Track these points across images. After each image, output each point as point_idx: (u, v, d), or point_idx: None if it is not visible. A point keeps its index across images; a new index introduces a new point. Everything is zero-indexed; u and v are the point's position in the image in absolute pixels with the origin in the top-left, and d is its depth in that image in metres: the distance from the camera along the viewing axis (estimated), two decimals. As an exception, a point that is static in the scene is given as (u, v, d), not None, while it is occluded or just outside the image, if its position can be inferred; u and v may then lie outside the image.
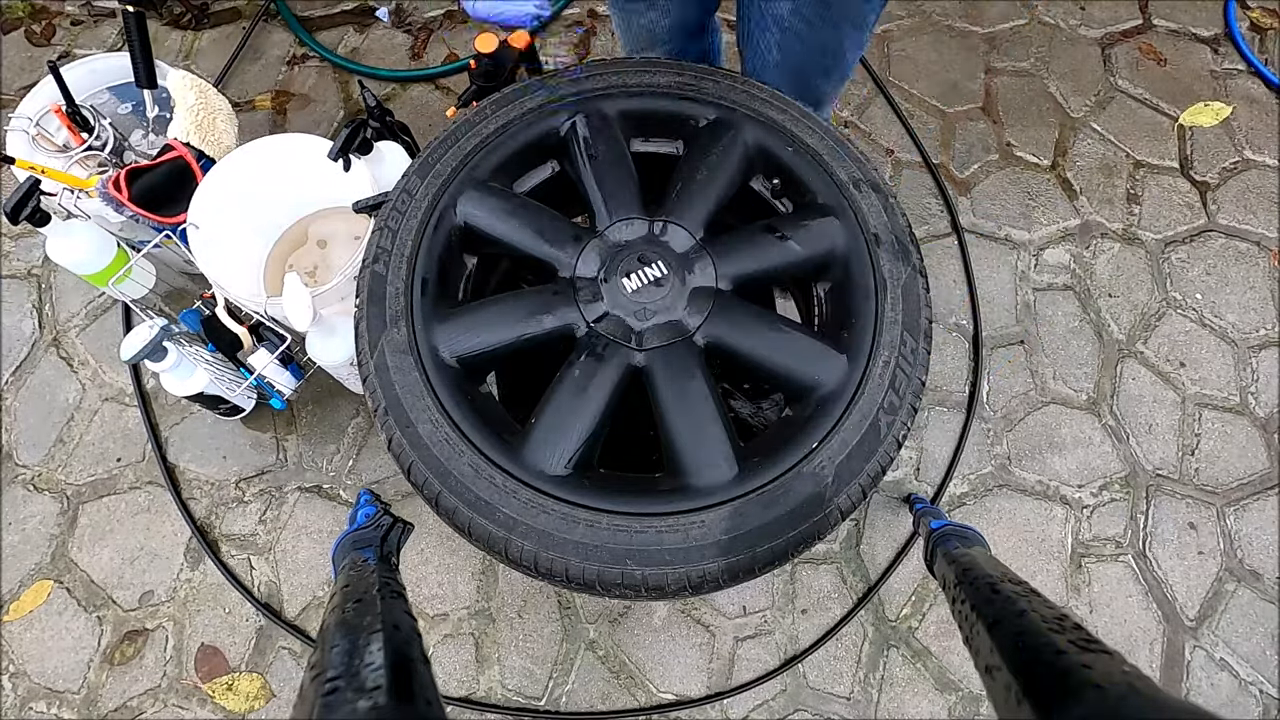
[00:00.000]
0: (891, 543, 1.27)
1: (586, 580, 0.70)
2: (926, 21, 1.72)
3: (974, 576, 0.73)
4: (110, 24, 1.69)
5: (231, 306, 1.12)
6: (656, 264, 0.82)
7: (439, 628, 1.21)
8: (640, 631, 1.21)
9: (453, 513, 0.72)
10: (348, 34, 1.67)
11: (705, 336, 0.80)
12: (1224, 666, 1.21)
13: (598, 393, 0.76)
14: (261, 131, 1.53)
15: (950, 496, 1.31)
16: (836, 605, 1.23)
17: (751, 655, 1.20)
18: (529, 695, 1.18)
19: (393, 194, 0.86)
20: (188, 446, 1.31)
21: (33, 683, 1.19)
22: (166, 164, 1.15)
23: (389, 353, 0.76)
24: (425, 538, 1.25)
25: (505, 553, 0.70)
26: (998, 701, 0.49)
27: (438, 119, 1.57)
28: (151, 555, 1.25)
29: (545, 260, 0.84)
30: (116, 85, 1.31)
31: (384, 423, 0.75)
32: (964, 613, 0.67)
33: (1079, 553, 1.27)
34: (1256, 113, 1.63)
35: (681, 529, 0.70)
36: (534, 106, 0.90)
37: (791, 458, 0.73)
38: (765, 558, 0.71)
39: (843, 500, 0.73)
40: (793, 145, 0.89)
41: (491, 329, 0.79)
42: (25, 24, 1.69)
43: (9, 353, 1.38)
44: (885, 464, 0.75)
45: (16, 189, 1.04)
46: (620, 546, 0.69)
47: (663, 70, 0.94)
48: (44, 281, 1.44)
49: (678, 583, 0.69)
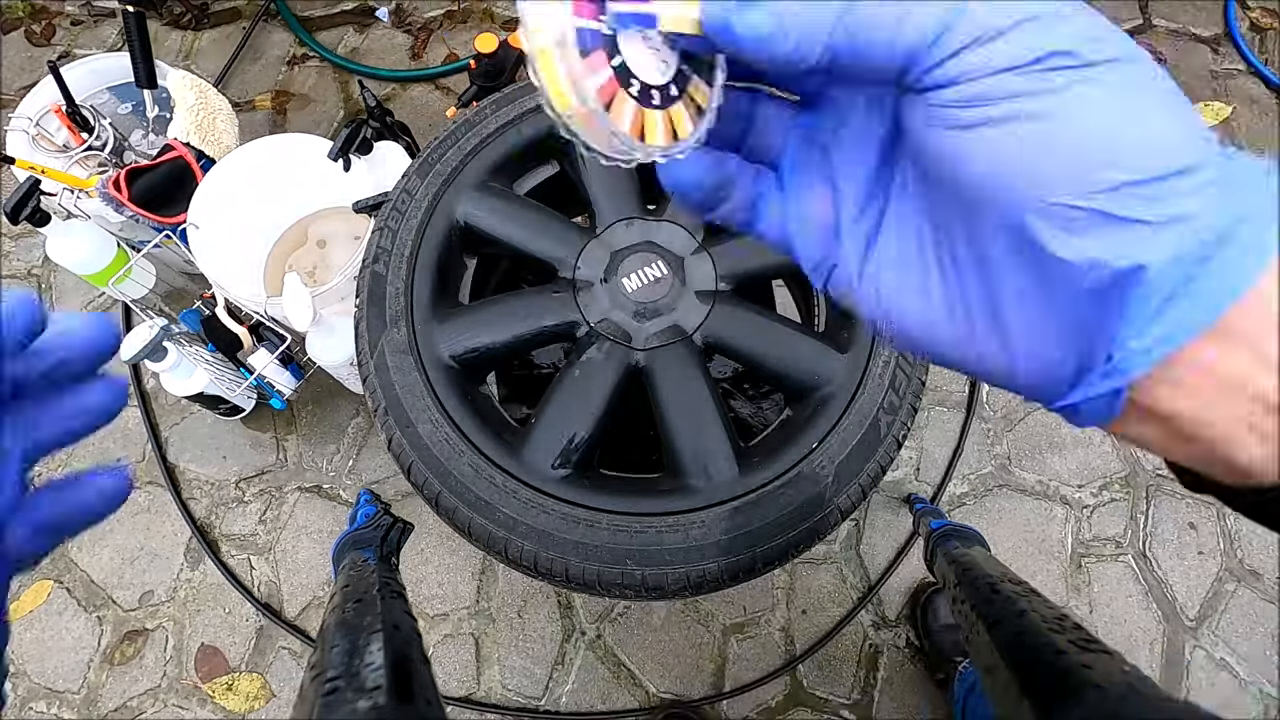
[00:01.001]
0: (891, 543, 1.27)
1: (586, 580, 0.70)
2: (926, 21, 1.72)
3: (974, 576, 0.73)
4: (110, 24, 1.69)
5: (231, 306, 1.12)
6: (656, 264, 0.82)
7: (439, 628, 1.21)
8: (640, 631, 1.21)
9: (453, 513, 0.72)
10: (348, 34, 1.67)
11: (705, 336, 0.80)
12: (1224, 666, 1.21)
13: (598, 393, 0.76)
14: (261, 131, 1.53)
15: (950, 496, 1.31)
16: (836, 605, 1.23)
17: (751, 655, 1.20)
18: (529, 695, 1.18)
19: (393, 194, 0.86)
20: (188, 446, 1.31)
21: (33, 683, 1.19)
22: (166, 164, 1.15)
23: (389, 353, 0.76)
24: (425, 538, 1.25)
25: (505, 553, 0.70)
26: (998, 701, 0.49)
27: (438, 119, 1.57)
28: (151, 555, 1.25)
29: (545, 260, 0.84)
30: (116, 85, 1.31)
31: (384, 423, 0.75)
32: (964, 612, 0.67)
33: (1079, 553, 1.27)
34: (1256, 113, 1.63)
35: (681, 529, 0.70)
36: (534, 106, 0.90)
37: (791, 458, 0.73)
38: (765, 558, 0.71)
39: (843, 500, 0.73)
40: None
41: (491, 329, 0.79)
42: (25, 24, 1.69)
43: (9, 353, 1.38)
44: (885, 464, 0.75)
45: (16, 189, 1.04)
46: (620, 546, 0.69)
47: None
48: (44, 281, 1.44)
49: (678, 583, 0.69)
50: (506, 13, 1.70)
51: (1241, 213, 0.17)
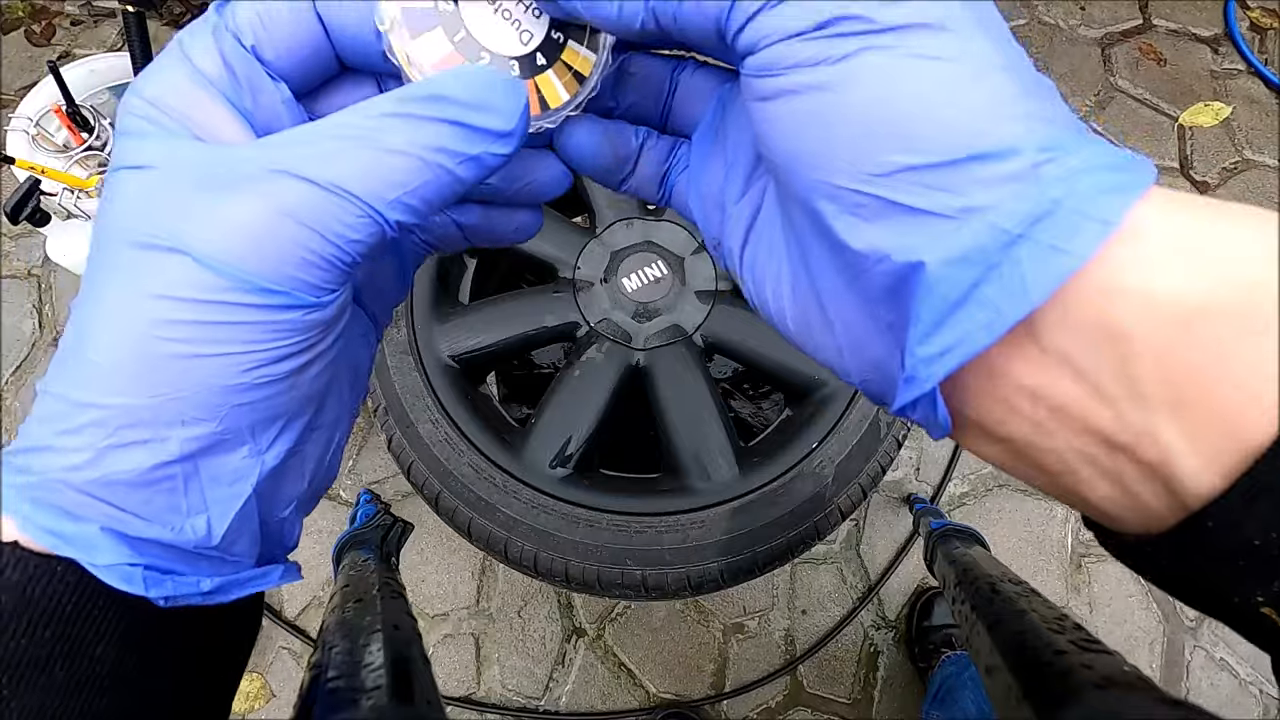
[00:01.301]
0: (891, 543, 1.27)
1: (586, 580, 0.70)
2: (926, 21, 1.72)
3: (974, 576, 0.73)
4: (110, 24, 1.70)
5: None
6: (656, 264, 0.82)
7: (439, 628, 1.21)
8: (640, 631, 1.21)
9: (453, 513, 0.72)
10: (348, 34, 1.67)
11: (705, 336, 0.80)
12: (1224, 666, 1.21)
13: (598, 393, 0.76)
14: (261, 131, 1.53)
15: (950, 496, 1.31)
16: (836, 605, 1.23)
17: (751, 655, 1.20)
18: (529, 695, 1.18)
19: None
20: (188, 446, 1.31)
21: (33, 683, 1.19)
22: (166, 164, 1.15)
23: (389, 353, 0.76)
24: (425, 538, 1.25)
25: (505, 553, 0.71)
26: (998, 702, 0.49)
27: (438, 119, 1.57)
28: (151, 555, 1.25)
29: (545, 260, 0.84)
30: (116, 85, 1.31)
31: (384, 422, 0.75)
32: (964, 613, 0.67)
33: (1079, 553, 1.27)
34: (1256, 113, 1.63)
35: (681, 529, 0.70)
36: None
37: (791, 458, 0.73)
38: (765, 558, 0.71)
39: (843, 500, 0.73)
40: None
41: (491, 329, 0.79)
42: (25, 24, 1.69)
43: (9, 353, 1.38)
44: (885, 464, 0.75)
45: (16, 189, 1.04)
46: (620, 546, 0.69)
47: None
48: (44, 281, 1.44)
49: (678, 583, 0.69)
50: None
51: (1052, 207, 0.14)
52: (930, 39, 0.15)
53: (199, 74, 0.18)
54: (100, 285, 0.17)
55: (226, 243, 0.16)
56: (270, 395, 0.18)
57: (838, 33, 0.15)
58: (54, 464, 0.17)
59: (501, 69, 0.21)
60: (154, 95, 0.18)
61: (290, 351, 0.17)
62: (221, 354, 0.17)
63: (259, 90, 0.19)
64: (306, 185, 0.16)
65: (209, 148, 0.17)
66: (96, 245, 0.18)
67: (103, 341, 0.17)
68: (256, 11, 0.18)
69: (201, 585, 0.18)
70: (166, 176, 0.17)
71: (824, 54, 0.15)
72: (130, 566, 0.17)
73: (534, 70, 0.21)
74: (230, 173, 0.17)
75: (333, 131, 0.17)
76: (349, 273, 0.18)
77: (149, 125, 0.18)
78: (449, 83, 0.18)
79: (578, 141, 0.22)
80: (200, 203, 0.17)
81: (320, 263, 0.17)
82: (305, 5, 0.19)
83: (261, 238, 0.16)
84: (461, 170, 0.18)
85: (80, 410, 0.17)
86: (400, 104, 0.17)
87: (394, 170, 0.17)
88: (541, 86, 0.21)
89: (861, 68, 0.15)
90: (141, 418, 0.17)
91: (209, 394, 0.17)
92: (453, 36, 0.20)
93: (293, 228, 0.16)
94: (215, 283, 0.16)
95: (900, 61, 0.15)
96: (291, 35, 0.19)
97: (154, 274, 0.16)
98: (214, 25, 0.18)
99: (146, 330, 0.16)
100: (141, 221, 0.17)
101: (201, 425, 0.17)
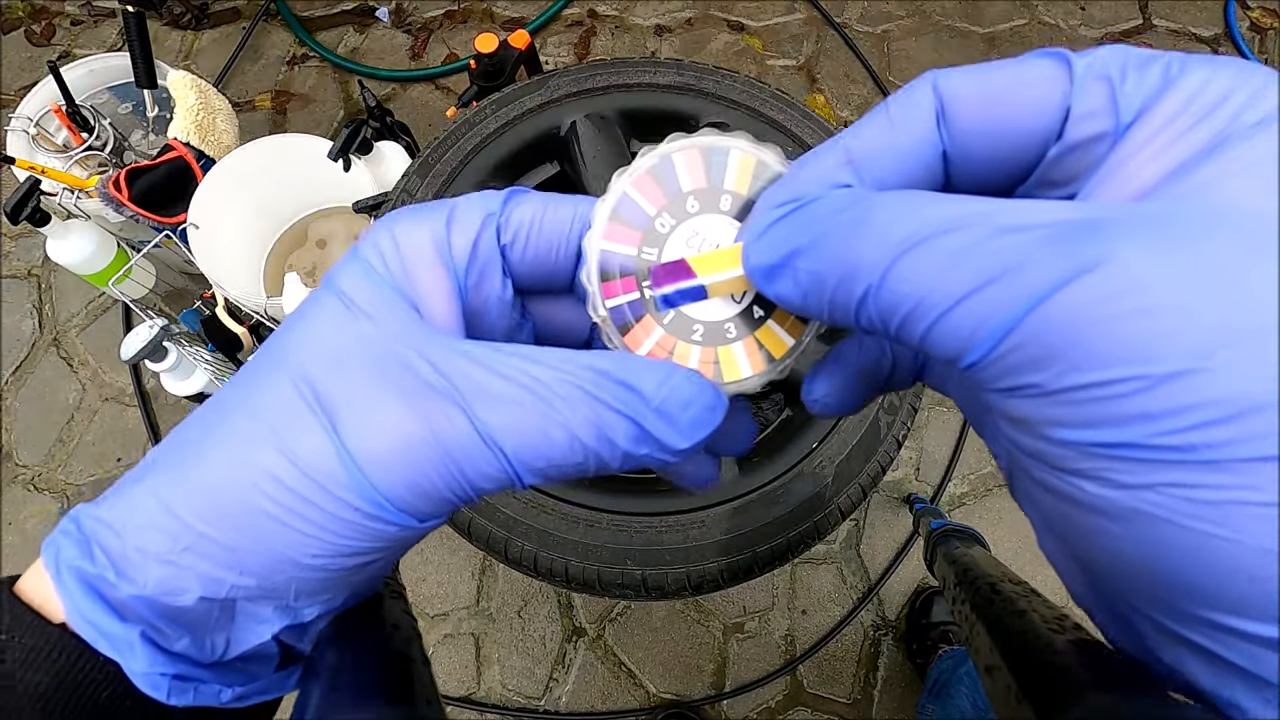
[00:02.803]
0: (891, 543, 1.27)
1: (586, 580, 0.70)
2: (926, 21, 1.72)
3: (974, 576, 0.72)
4: (110, 24, 1.69)
5: (231, 306, 1.12)
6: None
7: (439, 628, 1.21)
8: (640, 631, 1.21)
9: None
10: (348, 34, 1.67)
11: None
12: (1224, 666, 1.21)
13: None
14: (261, 131, 1.53)
15: (950, 496, 1.31)
16: (836, 605, 1.23)
17: (751, 655, 1.20)
18: (529, 695, 1.18)
19: (393, 194, 0.85)
20: (188, 446, 1.31)
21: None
22: (166, 164, 1.15)
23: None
24: (425, 538, 1.25)
25: (505, 553, 0.70)
26: (997, 701, 0.49)
27: (438, 119, 1.57)
28: (151, 555, 1.25)
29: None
30: (116, 85, 1.31)
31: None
32: (964, 613, 0.67)
33: (1079, 553, 1.27)
34: (1256, 113, 1.63)
35: (681, 529, 0.70)
36: (534, 106, 0.90)
37: (791, 458, 0.73)
38: (765, 558, 0.71)
39: (843, 500, 0.73)
40: (794, 145, 0.89)
41: (491, 329, 0.79)
42: (25, 24, 1.69)
43: (9, 353, 1.38)
44: (885, 464, 0.75)
45: (16, 189, 1.04)
46: (620, 546, 0.69)
47: (663, 69, 0.94)
48: (44, 281, 1.44)
49: (678, 583, 0.69)
50: (506, 13, 1.70)
51: None
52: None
53: (446, 246, 0.19)
54: (248, 398, 0.18)
55: (373, 452, 0.16)
56: (325, 578, 0.18)
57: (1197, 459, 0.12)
58: (115, 547, 0.17)
59: (714, 341, 0.20)
60: (402, 238, 0.19)
61: (364, 549, 0.18)
62: (305, 534, 0.17)
63: (486, 279, 0.19)
64: (468, 425, 0.16)
65: (414, 329, 0.18)
66: (272, 343, 0.18)
67: (214, 462, 0.17)
68: (534, 221, 0.19)
69: (221, 696, 0.19)
70: (362, 335, 0.17)
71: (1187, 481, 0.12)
72: (160, 676, 0.18)
73: (751, 327, 0.20)
74: (415, 374, 0.17)
75: (516, 374, 0.17)
76: (459, 508, 0.18)
77: (382, 268, 0.18)
78: (646, 376, 0.17)
79: (823, 394, 0.22)
80: (373, 392, 0.17)
81: (441, 496, 0.17)
82: (573, 236, 0.20)
83: (404, 455, 0.16)
84: (613, 460, 0.17)
85: (164, 513, 0.17)
86: (589, 376, 0.17)
87: (552, 445, 0.17)
88: (762, 339, 0.20)
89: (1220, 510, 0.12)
90: (209, 551, 0.17)
91: (273, 559, 0.17)
92: (664, 320, 0.19)
93: (437, 457, 0.16)
94: (342, 479, 0.16)
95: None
96: (547, 256, 0.20)
97: (295, 432, 0.17)
98: (489, 213, 0.19)
99: (256, 480, 0.17)
100: (316, 368, 0.17)
101: (254, 578, 0.17)
